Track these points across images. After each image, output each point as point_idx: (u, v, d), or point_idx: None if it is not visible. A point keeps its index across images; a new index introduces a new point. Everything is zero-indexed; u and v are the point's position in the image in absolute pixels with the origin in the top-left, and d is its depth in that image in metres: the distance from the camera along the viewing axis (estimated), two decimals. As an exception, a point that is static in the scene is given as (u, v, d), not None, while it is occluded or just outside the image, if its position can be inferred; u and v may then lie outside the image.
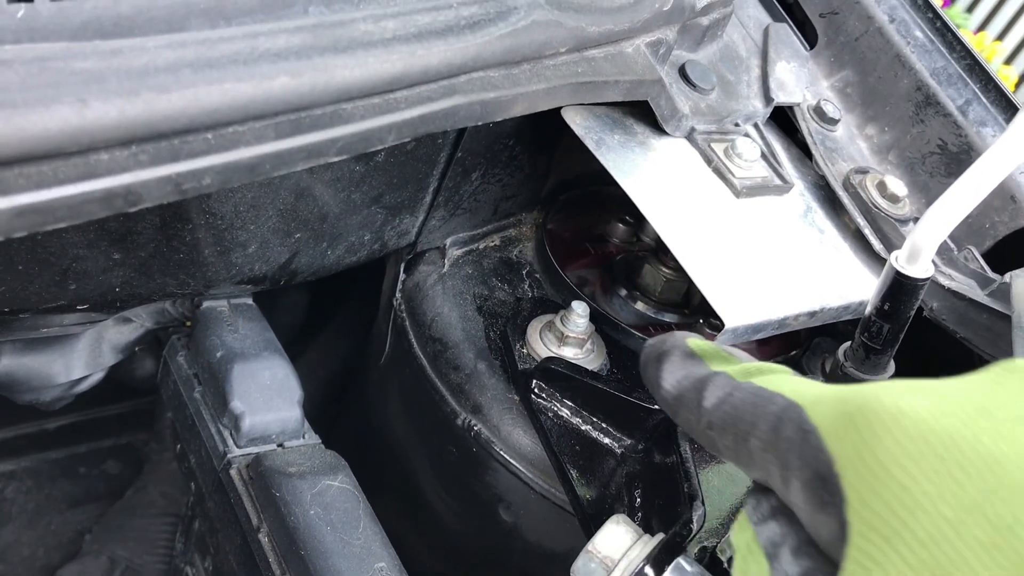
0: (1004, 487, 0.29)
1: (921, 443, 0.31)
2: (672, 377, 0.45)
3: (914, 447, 0.31)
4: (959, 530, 0.29)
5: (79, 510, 1.17)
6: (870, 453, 0.32)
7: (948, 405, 0.32)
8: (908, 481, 0.31)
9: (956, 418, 0.31)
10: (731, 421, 0.40)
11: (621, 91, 0.67)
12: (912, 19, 0.88)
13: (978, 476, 0.30)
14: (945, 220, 0.52)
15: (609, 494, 0.66)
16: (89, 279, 0.62)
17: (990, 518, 0.29)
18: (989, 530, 0.29)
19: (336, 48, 0.49)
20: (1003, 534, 0.29)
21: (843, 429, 0.33)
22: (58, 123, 0.39)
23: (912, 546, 0.30)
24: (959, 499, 0.30)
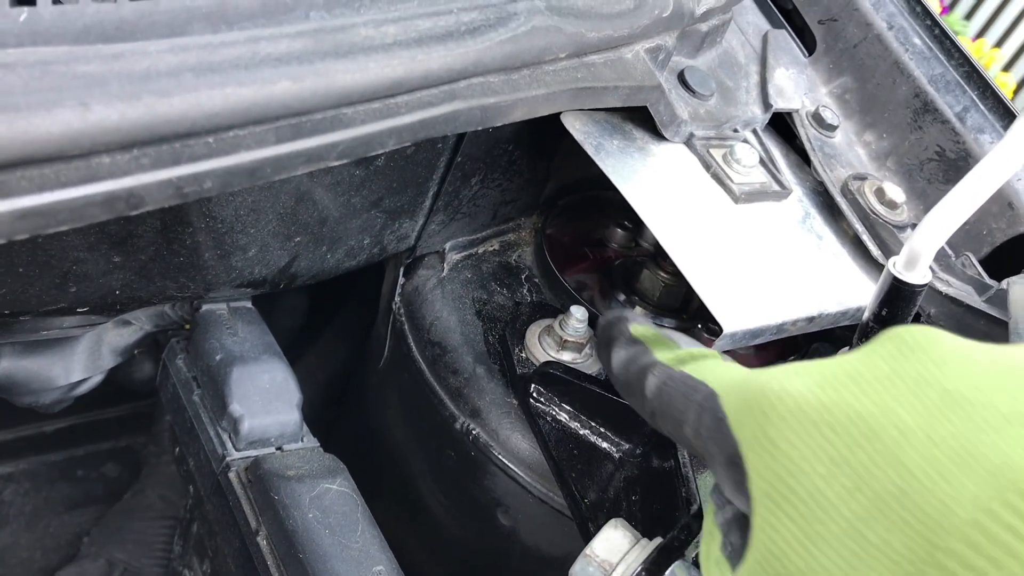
0: (865, 438, 0.33)
1: (800, 416, 0.35)
2: (619, 362, 0.49)
3: (795, 420, 0.35)
4: (829, 482, 0.33)
5: (77, 513, 1.17)
6: (762, 433, 0.36)
7: (824, 378, 0.36)
8: (790, 450, 0.35)
9: (830, 387, 0.35)
10: (667, 410, 0.45)
11: (620, 97, 0.67)
12: (910, 26, 0.88)
13: (844, 432, 0.33)
14: (943, 226, 0.53)
15: (607, 498, 0.66)
16: (89, 282, 0.62)
17: (853, 466, 0.33)
18: (853, 476, 0.32)
19: (337, 53, 0.49)
20: (863, 478, 0.32)
21: (744, 414, 0.38)
22: (60, 126, 0.40)
23: (796, 504, 0.34)
24: (829, 455, 0.34)
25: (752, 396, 0.38)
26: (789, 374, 0.37)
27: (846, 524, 0.32)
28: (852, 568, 0.31)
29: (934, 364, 0.33)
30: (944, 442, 0.31)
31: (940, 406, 0.32)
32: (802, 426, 0.35)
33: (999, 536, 0.28)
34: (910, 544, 0.30)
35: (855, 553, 0.32)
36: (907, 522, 0.30)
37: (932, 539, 0.29)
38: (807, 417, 0.35)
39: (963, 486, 0.29)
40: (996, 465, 0.29)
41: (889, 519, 0.31)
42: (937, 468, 0.30)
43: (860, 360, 0.36)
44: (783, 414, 0.36)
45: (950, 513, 0.29)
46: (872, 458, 0.32)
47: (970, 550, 0.28)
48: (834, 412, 0.34)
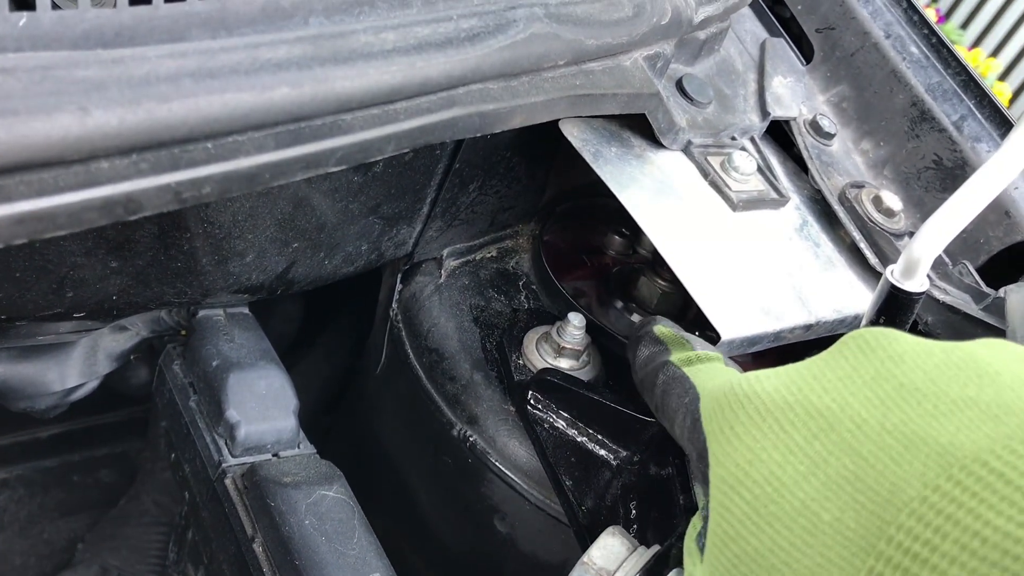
0: (822, 430, 0.35)
1: (764, 412, 0.38)
2: (640, 360, 0.55)
3: (758, 416, 0.38)
4: (784, 468, 0.35)
5: (72, 518, 1.16)
6: (728, 427, 0.40)
7: (791, 379, 0.39)
8: (751, 442, 0.38)
9: (794, 386, 0.38)
10: (665, 409, 0.50)
11: (619, 104, 0.67)
12: (908, 35, 0.89)
13: (803, 426, 0.36)
14: (940, 234, 0.53)
15: (604, 506, 0.66)
16: (86, 287, 0.62)
17: (808, 454, 0.35)
18: (808, 463, 0.35)
19: (336, 59, 0.49)
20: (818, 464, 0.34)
21: (714, 413, 0.42)
22: (59, 131, 0.40)
23: (750, 487, 0.36)
24: (787, 445, 0.36)
25: (724, 397, 0.41)
26: (761, 377, 0.40)
27: (799, 504, 0.34)
28: (805, 544, 0.33)
29: (892, 361, 0.35)
30: (896, 429, 0.32)
31: (894, 398, 0.34)
32: (764, 420, 0.38)
33: (945, 509, 0.29)
34: (862, 521, 0.31)
35: (808, 531, 0.33)
36: (859, 502, 0.32)
37: (883, 516, 0.30)
38: (769, 413, 0.38)
39: (912, 467, 0.31)
40: (943, 446, 0.30)
41: (842, 500, 0.32)
42: (888, 453, 0.32)
43: (825, 360, 0.38)
44: (749, 412, 0.39)
45: (900, 492, 0.30)
46: (827, 448, 0.34)
47: (918, 523, 0.29)
48: (795, 408, 0.37)
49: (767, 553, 0.34)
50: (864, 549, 0.31)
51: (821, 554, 0.32)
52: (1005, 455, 0.29)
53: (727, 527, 0.37)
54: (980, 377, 0.33)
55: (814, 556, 0.32)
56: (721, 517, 0.38)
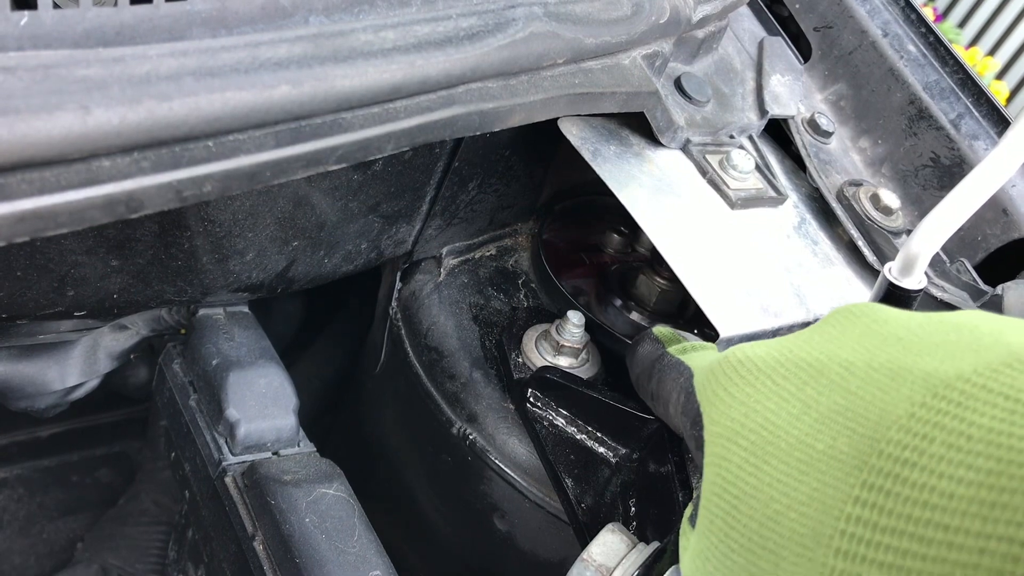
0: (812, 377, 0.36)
1: (755, 371, 0.40)
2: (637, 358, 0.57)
3: (750, 375, 0.40)
4: (778, 413, 0.37)
5: (71, 518, 1.16)
6: (722, 390, 0.41)
7: (781, 344, 0.40)
8: (744, 397, 0.40)
9: (785, 349, 0.40)
10: (660, 393, 0.51)
11: (617, 102, 0.67)
12: (905, 33, 0.89)
13: (794, 376, 0.38)
14: (938, 232, 0.53)
15: (604, 503, 0.66)
16: (87, 286, 0.62)
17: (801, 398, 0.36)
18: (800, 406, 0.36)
19: (336, 58, 0.49)
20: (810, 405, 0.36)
21: (707, 382, 0.43)
22: (61, 130, 0.40)
23: (746, 435, 0.38)
24: (780, 395, 0.38)
25: (716, 366, 0.43)
26: (750, 346, 0.42)
27: (794, 440, 0.35)
28: (802, 473, 0.34)
29: (877, 323, 0.37)
30: (882, 366, 0.34)
31: (880, 345, 0.35)
32: (756, 379, 0.40)
33: (932, 419, 0.30)
34: (854, 444, 0.32)
35: (803, 461, 0.34)
36: (851, 429, 0.33)
37: (874, 435, 0.32)
38: (761, 372, 0.40)
39: (899, 393, 0.32)
40: (927, 373, 0.32)
41: (834, 430, 0.34)
42: (876, 385, 0.33)
43: (813, 329, 0.40)
44: (741, 373, 0.41)
45: (888, 414, 0.32)
46: (818, 390, 0.36)
47: (907, 435, 0.31)
48: (786, 365, 0.39)
49: (765, 488, 0.36)
50: (857, 467, 0.32)
51: (817, 479, 0.33)
52: (987, 373, 0.31)
53: (725, 474, 0.38)
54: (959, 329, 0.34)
55: (810, 482, 0.33)
56: (718, 467, 0.39)
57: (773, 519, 0.35)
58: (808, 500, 0.33)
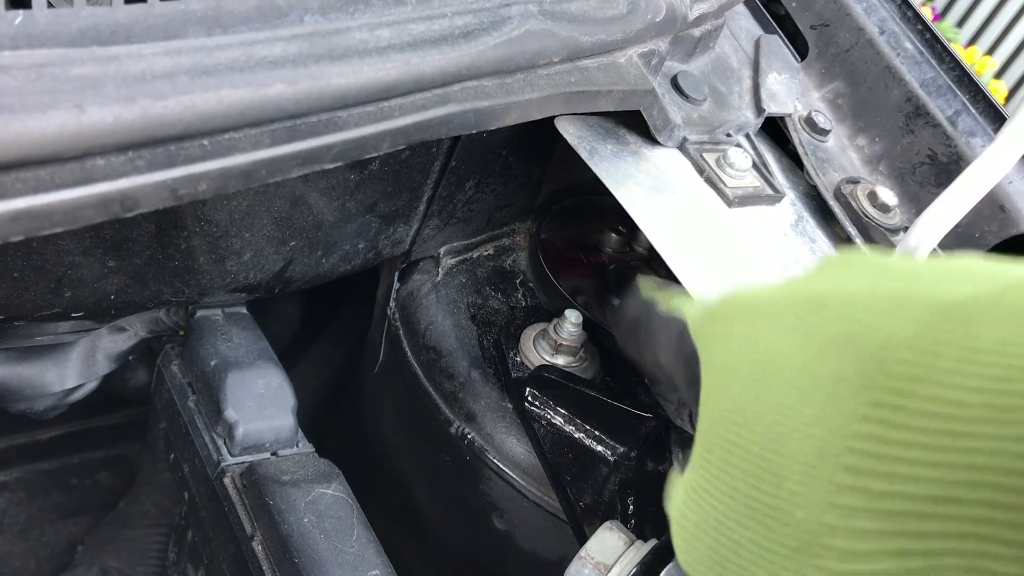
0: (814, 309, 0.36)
1: (755, 308, 0.39)
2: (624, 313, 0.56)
3: (749, 312, 0.39)
4: (780, 344, 0.36)
5: (71, 521, 1.16)
6: (720, 327, 0.40)
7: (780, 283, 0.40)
8: (743, 332, 0.39)
9: (785, 286, 0.39)
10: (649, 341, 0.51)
11: (614, 101, 0.67)
12: (902, 31, 0.89)
13: (795, 308, 0.37)
14: (935, 228, 0.53)
15: (602, 501, 0.66)
16: (84, 286, 0.62)
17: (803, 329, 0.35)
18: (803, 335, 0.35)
19: (331, 56, 0.49)
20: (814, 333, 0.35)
21: (703, 321, 0.43)
22: (55, 128, 0.40)
23: (747, 365, 0.37)
24: (780, 328, 0.37)
25: (712, 306, 0.42)
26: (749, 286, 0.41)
27: (798, 366, 0.35)
28: (806, 396, 0.34)
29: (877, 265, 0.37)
30: (885, 295, 0.34)
31: (882, 277, 0.35)
32: (756, 314, 0.39)
33: (940, 337, 0.30)
34: (860, 366, 0.32)
35: (807, 385, 0.34)
36: (857, 353, 0.33)
37: (881, 356, 0.32)
38: (760, 308, 0.39)
39: (904, 317, 0.32)
40: (931, 298, 0.32)
41: (840, 355, 0.33)
42: (880, 312, 0.33)
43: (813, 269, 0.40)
44: (738, 308, 0.40)
45: (894, 336, 0.32)
46: (821, 320, 0.35)
47: (915, 354, 0.31)
48: (786, 299, 0.38)
49: (767, 412, 0.35)
50: (863, 386, 0.31)
51: (822, 400, 0.33)
52: (993, 294, 0.31)
53: (725, 403, 0.38)
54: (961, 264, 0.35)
55: (815, 403, 0.33)
56: (717, 399, 0.38)
57: (777, 441, 0.34)
58: (813, 421, 0.33)
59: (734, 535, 0.36)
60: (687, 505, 0.40)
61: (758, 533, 0.35)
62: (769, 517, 0.34)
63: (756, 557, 0.35)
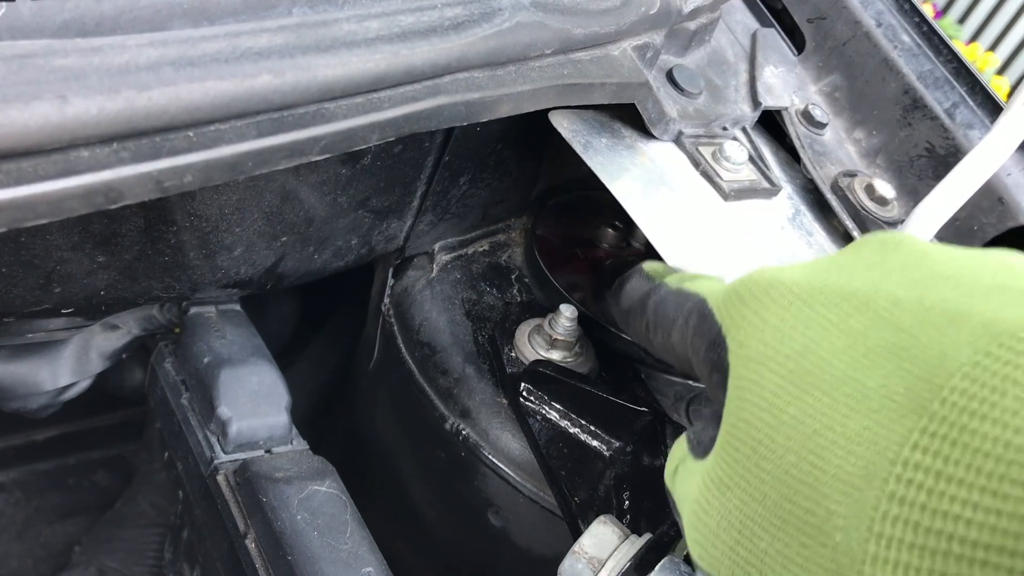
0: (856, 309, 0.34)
1: (789, 295, 0.37)
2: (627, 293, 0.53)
3: (783, 299, 0.37)
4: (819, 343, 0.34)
5: (68, 522, 1.16)
6: (749, 310, 0.38)
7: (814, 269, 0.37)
8: (777, 322, 0.36)
9: (821, 274, 0.37)
10: (660, 320, 0.47)
11: (607, 94, 0.67)
12: (899, 23, 0.88)
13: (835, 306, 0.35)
14: (932, 219, 0.53)
15: (597, 497, 0.65)
16: (73, 282, 0.62)
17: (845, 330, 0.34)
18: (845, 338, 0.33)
19: (319, 47, 0.49)
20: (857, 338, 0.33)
21: (730, 302, 0.40)
22: (38, 119, 0.39)
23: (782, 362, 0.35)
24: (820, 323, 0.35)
25: (740, 285, 0.40)
26: (777, 268, 0.39)
27: (840, 373, 0.33)
28: (850, 409, 0.32)
29: (918, 254, 0.35)
30: (935, 307, 0.31)
31: (927, 282, 0.33)
32: (791, 303, 0.36)
33: (1000, 371, 0.28)
34: (910, 386, 0.30)
35: (853, 396, 0.32)
36: (905, 369, 0.31)
37: (932, 380, 0.30)
38: (796, 296, 0.36)
39: (958, 338, 0.30)
40: (988, 320, 0.30)
41: (886, 368, 0.31)
42: (931, 326, 0.31)
43: (847, 254, 0.38)
44: (772, 296, 0.37)
45: (948, 359, 0.30)
46: (864, 323, 0.33)
47: (973, 384, 0.29)
48: (824, 291, 0.35)
49: (806, 419, 0.33)
50: (914, 411, 0.30)
51: (868, 416, 0.31)
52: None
53: (757, 400, 0.36)
54: (1008, 268, 0.33)
55: (860, 419, 0.31)
56: (748, 391, 0.36)
57: (816, 453, 0.32)
58: (858, 438, 0.31)
59: (760, 543, 0.34)
60: (707, 500, 0.38)
61: (789, 547, 0.33)
62: (803, 533, 0.32)
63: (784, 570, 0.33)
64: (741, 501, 0.36)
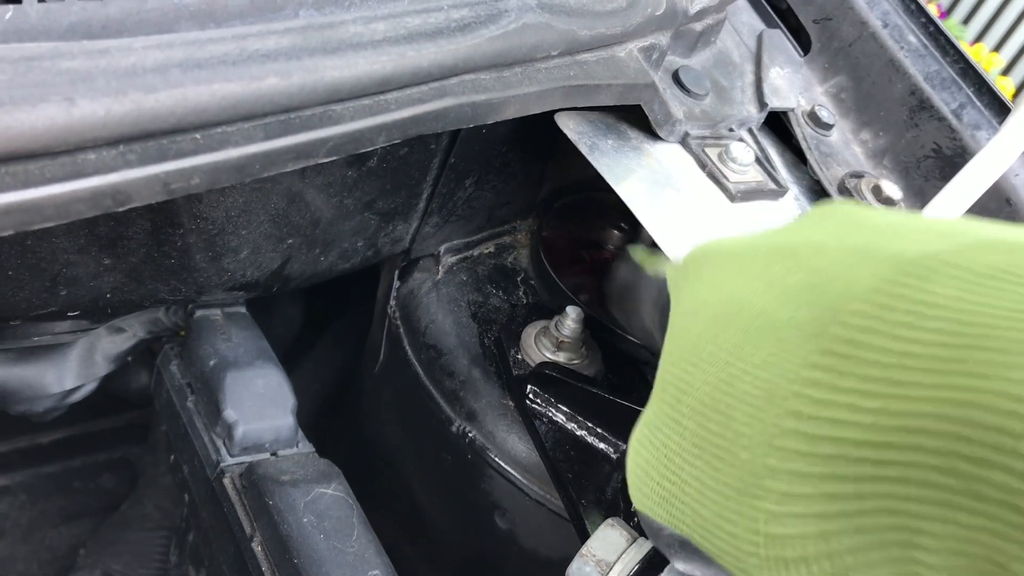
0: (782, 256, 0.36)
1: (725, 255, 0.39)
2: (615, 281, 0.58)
3: (719, 259, 0.39)
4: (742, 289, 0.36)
5: (74, 524, 1.16)
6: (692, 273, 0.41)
7: (756, 234, 0.40)
8: (711, 277, 0.39)
9: (759, 237, 0.39)
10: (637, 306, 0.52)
11: (614, 95, 0.67)
12: (905, 24, 0.88)
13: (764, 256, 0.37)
14: (939, 219, 0.52)
15: (604, 499, 0.65)
16: (80, 285, 0.62)
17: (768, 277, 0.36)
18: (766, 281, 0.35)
19: (325, 49, 0.49)
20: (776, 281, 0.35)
21: (678, 271, 0.43)
22: (45, 122, 0.39)
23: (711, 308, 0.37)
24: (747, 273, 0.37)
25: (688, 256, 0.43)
26: (721, 239, 0.42)
27: (757, 311, 0.35)
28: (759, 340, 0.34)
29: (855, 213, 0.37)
30: (854, 248, 0.34)
31: (855, 232, 0.35)
32: (724, 261, 0.39)
33: (896, 291, 0.30)
34: (815, 315, 0.32)
35: (763, 328, 0.34)
36: (813, 302, 0.33)
37: (836, 307, 0.32)
38: (729, 255, 0.39)
39: (865, 270, 0.32)
40: (894, 253, 0.32)
41: (797, 302, 0.34)
42: (843, 264, 0.33)
43: (791, 223, 0.40)
44: (710, 255, 0.40)
45: (852, 288, 0.32)
46: (786, 269, 0.35)
47: (871, 306, 0.31)
48: (755, 247, 0.38)
49: (721, 354, 0.35)
50: (815, 335, 0.32)
51: (774, 344, 0.33)
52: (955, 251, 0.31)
53: (682, 343, 0.38)
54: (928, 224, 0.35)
55: (767, 347, 0.33)
56: (677, 340, 0.39)
57: (727, 382, 0.35)
58: (763, 364, 0.33)
59: (682, 473, 0.37)
60: (640, 442, 0.40)
61: (704, 472, 0.35)
62: (715, 457, 0.35)
63: (701, 496, 0.35)
64: (666, 437, 0.38)
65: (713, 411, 0.35)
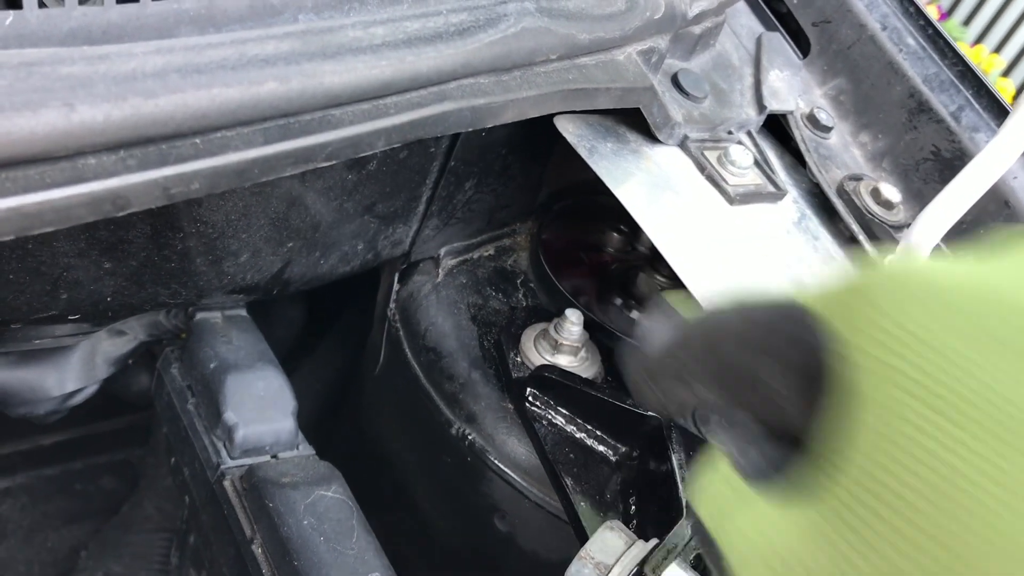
0: (1013, 311, 0.25)
1: (936, 297, 0.27)
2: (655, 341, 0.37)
3: (930, 301, 0.27)
4: (984, 367, 0.25)
5: (75, 527, 1.16)
6: (876, 311, 0.28)
7: (968, 271, 0.28)
8: (922, 332, 0.26)
9: (971, 275, 0.27)
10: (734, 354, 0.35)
11: (612, 98, 0.67)
12: (904, 27, 0.88)
13: (1003, 319, 0.25)
14: (938, 223, 0.52)
15: (604, 501, 0.65)
16: (80, 288, 0.62)
17: (1012, 347, 0.25)
18: (1010, 357, 0.25)
19: (325, 54, 0.49)
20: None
21: (846, 303, 0.29)
22: (45, 127, 0.39)
23: (938, 390, 0.25)
24: (980, 339, 0.25)
25: (864, 283, 0.29)
26: (917, 264, 0.29)
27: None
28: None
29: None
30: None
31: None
32: (943, 310, 0.27)
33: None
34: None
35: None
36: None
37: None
38: (953, 305, 0.27)
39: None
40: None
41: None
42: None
43: (998, 260, 0.28)
44: (917, 297, 0.27)
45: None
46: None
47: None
48: (989, 301, 0.26)
49: (973, 474, 0.24)
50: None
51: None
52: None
53: (894, 436, 0.25)
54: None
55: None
56: (879, 425, 0.26)
57: (991, 526, 0.24)
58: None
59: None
60: (796, 554, 0.28)
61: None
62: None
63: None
64: (859, 572, 0.26)
65: (967, 568, 0.24)
